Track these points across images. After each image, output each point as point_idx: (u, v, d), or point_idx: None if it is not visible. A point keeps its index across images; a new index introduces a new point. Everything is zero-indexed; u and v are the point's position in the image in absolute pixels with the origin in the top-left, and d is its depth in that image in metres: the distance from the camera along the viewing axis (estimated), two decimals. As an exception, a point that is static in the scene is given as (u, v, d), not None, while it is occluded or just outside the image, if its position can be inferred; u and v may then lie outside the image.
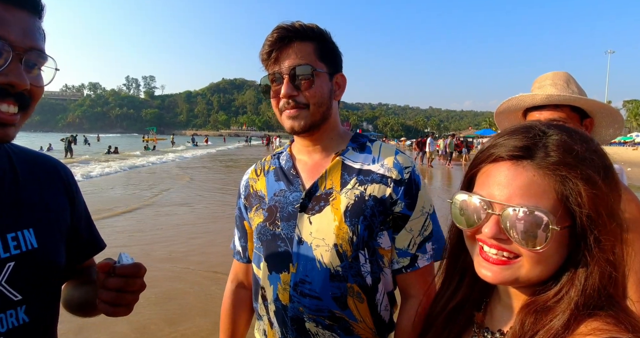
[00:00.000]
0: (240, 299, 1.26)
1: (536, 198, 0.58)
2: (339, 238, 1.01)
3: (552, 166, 0.58)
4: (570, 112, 1.26)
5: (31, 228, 0.77)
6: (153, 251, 5.62)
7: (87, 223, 0.97)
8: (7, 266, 0.71)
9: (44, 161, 0.89)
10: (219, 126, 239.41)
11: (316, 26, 1.05)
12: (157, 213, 8.29)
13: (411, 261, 1.05)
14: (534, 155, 0.60)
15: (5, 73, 0.64)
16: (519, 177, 0.60)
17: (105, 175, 15.32)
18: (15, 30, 0.65)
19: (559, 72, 1.37)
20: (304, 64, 1.00)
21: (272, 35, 1.02)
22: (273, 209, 1.10)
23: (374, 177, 1.05)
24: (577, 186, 0.57)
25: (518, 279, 0.62)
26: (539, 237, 0.57)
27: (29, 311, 0.75)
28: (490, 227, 0.61)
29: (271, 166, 1.19)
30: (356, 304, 1.02)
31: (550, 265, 0.61)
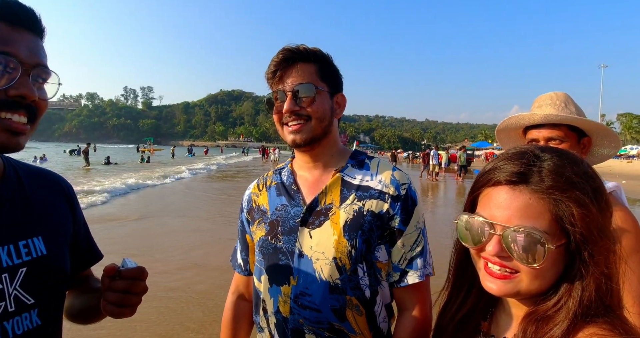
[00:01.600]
0: (240, 311, 1.28)
1: (533, 219, 0.64)
2: (338, 252, 1.04)
3: (546, 190, 0.64)
4: (568, 131, 1.31)
5: (40, 236, 0.82)
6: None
7: (86, 234, 1.02)
8: (20, 271, 0.76)
9: (47, 175, 0.95)
10: (216, 137, 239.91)
11: (319, 50, 1.12)
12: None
13: (400, 276, 1.08)
14: (529, 180, 0.66)
15: (16, 86, 0.70)
16: (516, 200, 0.66)
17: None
18: (23, 49, 0.72)
19: (558, 93, 1.43)
20: (306, 83, 1.06)
21: (278, 56, 1.08)
22: (275, 223, 1.13)
23: (372, 192, 1.09)
24: (570, 208, 0.63)
25: (519, 292, 0.68)
26: (536, 255, 0.63)
27: (41, 314, 0.80)
28: (493, 246, 0.67)
29: (273, 181, 1.23)
30: (355, 317, 1.05)
31: (548, 279, 0.67)
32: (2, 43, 0.69)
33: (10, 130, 0.72)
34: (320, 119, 1.09)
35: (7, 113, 0.71)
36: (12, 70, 0.70)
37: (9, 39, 0.70)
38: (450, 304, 0.85)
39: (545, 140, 1.34)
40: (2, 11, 0.71)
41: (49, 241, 0.84)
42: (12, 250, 0.76)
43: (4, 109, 0.70)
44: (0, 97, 0.70)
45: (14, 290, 0.74)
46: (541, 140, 1.35)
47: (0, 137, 0.71)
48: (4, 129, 0.71)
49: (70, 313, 0.99)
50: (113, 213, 9.20)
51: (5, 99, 0.70)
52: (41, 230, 0.83)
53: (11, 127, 0.71)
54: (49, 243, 0.83)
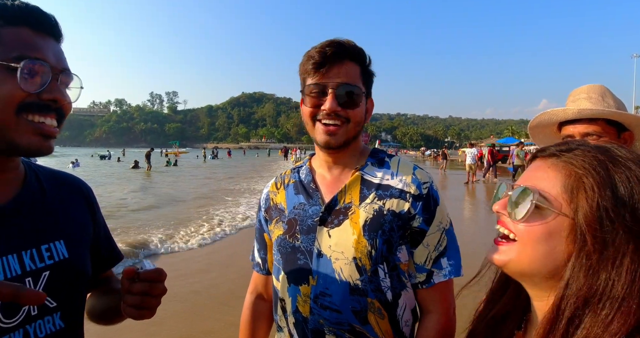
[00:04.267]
0: (259, 310, 1.28)
1: (538, 181, 0.63)
2: (358, 252, 1.02)
3: (569, 164, 0.61)
4: (606, 126, 1.24)
5: (62, 240, 0.83)
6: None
7: (106, 236, 1.03)
8: (43, 275, 0.77)
9: (68, 179, 0.96)
10: (239, 139, 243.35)
11: (363, 49, 1.08)
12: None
13: (427, 277, 1.06)
14: (560, 155, 0.64)
15: (49, 90, 0.73)
16: (538, 169, 0.65)
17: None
18: (50, 54, 0.75)
19: (594, 85, 1.36)
20: (354, 84, 1.03)
21: (329, 48, 1.02)
22: (293, 222, 1.12)
23: (392, 192, 1.07)
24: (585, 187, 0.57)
25: (509, 263, 0.64)
26: (520, 208, 0.61)
27: (64, 317, 0.81)
28: (500, 203, 0.67)
29: (291, 180, 1.22)
30: (377, 320, 1.03)
31: (539, 254, 0.60)
32: (33, 49, 0.72)
33: (43, 134, 0.74)
34: (358, 123, 1.07)
35: (40, 117, 0.73)
36: (44, 74, 0.72)
37: (37, 45, 0.73)
38: (487, 304, 0.80)
39: (582, 136, 1.27)
40: (26, 17, 0.73)
41: (70, 244, 0.85)
42: (34, 254, 0.77)
43: (37, 113, 0.72)
44: (33, 100, 0.72)
45: None
46: (577, 136, 1.28)
47: (34, 141, 0.73)
48: (37, 133, 0.73)
49: (92, 314, 1.00)
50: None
51: (39, 103, 0.72)
52: (63, 233, 0.84)
53: (43, 131, 0.74)
54: (71, 247, 0.85)
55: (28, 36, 0.72)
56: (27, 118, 0.72)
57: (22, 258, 0.75)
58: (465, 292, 0.78)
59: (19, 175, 0.83)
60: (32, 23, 0.73)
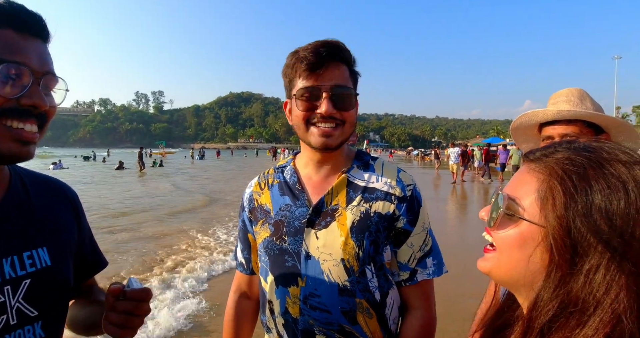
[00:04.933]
0: (243, 309, 1.28)
1: (519, 189, 0.60)
2: (346, 253, 1.04)
3: (547, 167, 0.58)
4: (584, 127, 1.29)
5: (44, 247, 0.81)
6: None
7: (91, 242, 1.01)
8: (23, 283, 0.75)
9: (53, 183, 0.94)
10: (226, 139, 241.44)
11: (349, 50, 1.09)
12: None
13: (410, 275, 1.09)
14: (542, 158, 0.60)
15: (28, 95, 0.70)
16: (519, 173, 0.63)
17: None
18: (33, 57, 0.72)
19: (573, 89, 1.41)
20: (347, 86, 1.04)
21: (321, 50, 1.00)
22: (279, 224, 1.11)
23: (378, 194, 1.08)
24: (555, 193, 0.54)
25: (491, 270, 0.63)
26: (493, 215, 0.61)
27: (45, 327, 0.79)
28: (485, 210, 0.66)
29: (275, 180, 1.20)
30: (366, 320, 1.05)
31: (514, 262, 0.59)
32: (13, 52, 0.69)
33: (21, 140, 0.72)
34: (352, 124, 1.09)
35: (19, 122, 0.71)
36: (23, 79, 0.70)
37: (19, 47, 0.70)
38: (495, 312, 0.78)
39: (560, 136, 1.31)
40: (10, 18, 0.70)
41: (53, 252, 0.83)
42: (15, 261, 0.75)
43: (16, 118, 0.70)
44: (12, 105, 0.70)
45: (17, 303, 0.74)
46: (556, 136, 1.32)
47: (12, 147, 0.71)
48: (15, 139, 0.71)
49: (72, 324, 0.97)
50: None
51: (17, 108, 0.70)
52: (46, 240, 0.83)
53: (22, 137, 0.72)
54: (54, 254, 0.83)
55: (10, 38, 0.70)
56: (5, 124, 0.70)
57: (2, 265, 0.73)
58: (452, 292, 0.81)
59: (4, 180, 0.81)
60: (16, 24, 0.70)
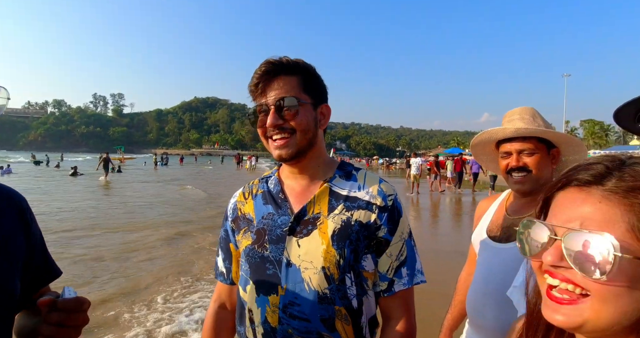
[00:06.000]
0: (222, 319, 1.29)
1: (600, 224, 0.53)
2: (327, 262, 1.05)
3: (624, 192, 0.53)
4: (537, 143, 1.42)
5: None
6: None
7: (42, 250, 0.97)
8: None
9: (0, 190, 0.89)
10: (190, 145, 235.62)
11: (302, 61, 1.12)
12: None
13: (388, 286, 1.11)
14: (604, 182, 0.55)
15: None
16: (583, 202, 0.56)
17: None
18: None
19: (525, 108, 1.54)
20: (289, 96, 1.06)
21: (260, 69, 1.07)
22: (261, 232, 1.13)
23: (360, 203, 1.10)
24: None
25: (586, 324, 0.54)
26: (601, 264, 0.51)
27: None
28: (552, 253, 0.56)
29: (259, 190, 1.23)
30: (344, 327, 1.06)
31: (623, 307, 0.52)
32: None
33: None
34: (305, 132, 1.09)
35: None
36: None
37: None
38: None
39: (517, 152, 1.43)
40: None
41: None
42: None
43: None
44: None
45: None
46: (513, 152, 1.44)
47: None
48: None
49: (20, 334, 0.92)
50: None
51: None
52: None
53: None
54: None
55: None
56: None
57: None
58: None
59: None
60: None
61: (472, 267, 1.71)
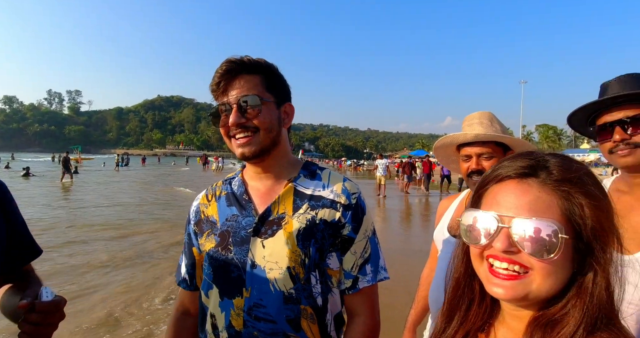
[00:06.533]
0: (184, 326, 1.24)
1: (542, 212, 0.61)
2: (292, 261, 1.04)
3: (556, 183, 0.63)
4: (495, 147, 1.52)
5: None
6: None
7: (22, 230, 1.02)
8: None
9: None
10: (153, 145, 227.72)
11: (263, 60, 1.11)
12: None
13: (353, 283, 1.11)
14: (537, 173, 0.64)
15: None
16: (526, 194, 0.63)
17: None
18: None
19: (484, 112, 1.64)
20: (251, 94, 1.05)
21: (222, 68, 1.07)
22: (225, 234, 1.11)
23: (324, 202, 1.11)
24: (580, 200, 0.61)
25: (529, 295, 0.62)
26: (549, 246, 0.59)
27: None
28: (502, 241, 0.62)
29: (222, 191, 1.21)
30: (309, 325, 1.06)
31: (559, 279, 0.62)
32: None
33: None
34: (268, 130, 1.09)
35: None
36: None
37: None
38: (448, 321, 0.79)
39: (477, 155, 1.53)
40: None
41: None
42: None
43: None
44: None
45: None
46: (473, 155, 1.54)
47: None
48: None
49: (3, 309, 0.98)
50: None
51: None
52: None
53: None
54: None
55: None
56: None
57: None
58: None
59: None
60: None
61: (433, 263, 1.79)
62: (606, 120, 1.19)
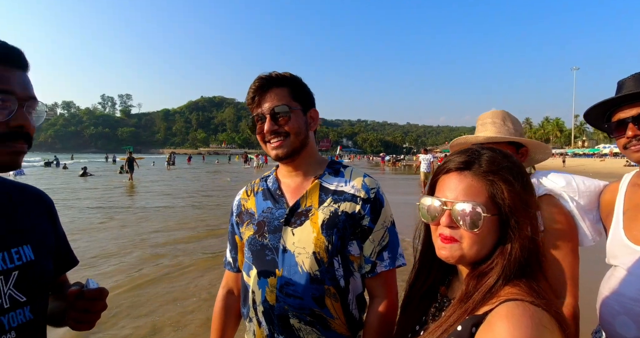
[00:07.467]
0: (229, 303, 1.45)
1: (473, 196, 0.82)
2: (317, 247, 1.19)
3: (483, 173, 0.83)
4: (507, 146, 1.55)
5: (28, 244, 0.94)
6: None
7: (65, 242, 1.14)
8: (13, 274, 0.88)
9: (31, 191, 1.07)
10: (197, 144, 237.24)
11: (289, 74, 1.28)
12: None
13: (372, 267, 1.25)
14: (471, 167, 0.85)
15: (15, 118, 0.84)
16: (461, 183, 0.85)
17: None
18: (17, 85, 0.84)
19: (496, 111, 1.67)
20: (281, 105, 1.22)
21: (254, 84, 1.25)
22: (262, 224, 1.28)
23: (346, 196, 1.25)
24: (500, 186, 0.82)
25: (463, 256, 0.84)
26: (476, 221, 0.81)
27: (32, 310, 0.92)
28: (445, 218, 0.85)
29: (260, 187, 1.40)
30: (332, 303, 1.21)
31: (486, 245, 0.83)
32: (0, 82, 0.81)
33: (13, 154, 0.86)
34: (297, 134, 1.25)
35: (12, 143, 0.85)
36: (10, 105, 0.83)
37: (4, 78, 0.82)
38: (417, 278, 1.01)
39: None
40: None
41: (35, 249, 0.95)
42: (6, 256, 0.88)
43: (8, 141, 0.84)
44: (3, 130, 0.83)
45: (9, 290, 0.87)
46: None
47: (6, 159, 0.86)
48: (9, 153, 0.85)
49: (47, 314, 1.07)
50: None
51: (8, 131, 0.83)
52: (29, 239, 0.95)
53: (15, 151, 0.86)
54: (36, 251, 0.95)
55: None
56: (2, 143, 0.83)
57: None
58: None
59: None
60: (0, 58, 0.83)
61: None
62: (620, 116, 1.24)
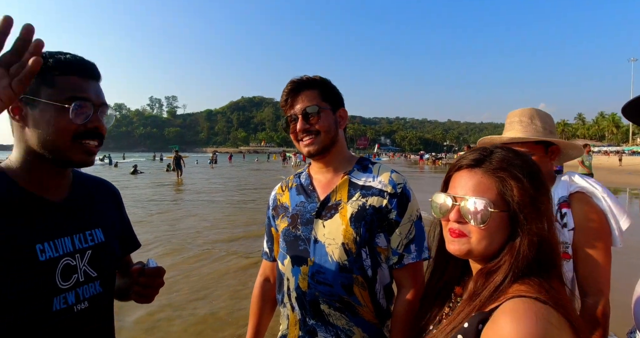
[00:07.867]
0: (266, 290, 1.57)
1: (483, 192, 0.84)
2: (346, 238, 1.27)
3: (493, 170, 0.85)
4: (534, 145, 1.54)
5: (99, 228, 1.09)
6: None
7: (129, 227, 1.30)
8: (87, 253, 1.03)
9: (101, 181, 1.24)
10: (238, 143, 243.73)
11: (319, 77, 1.38)
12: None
13: (399, 259, 1.30)
14: (482, 164, 0.87)
15: (92, 121, 0.97)
16: (471, 179, 0.87)
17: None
18: (93, 94, 0.98)
19: (525, 109, 1.63)
20: (312, 105, 1.32)
21: (287, 88, 1.35)
22: (295, 216, 1.39)
23: (373, 191, 1.32)
24: (509, 183, 0.83)
25: (471, 251, 0.85)
26: (483, 217, 0.82)
27: (102, 285, 1.06)
28: (454, 213, 0.87)
29: (293, 183, 1.51)
30: (360, 291, 1.28)
31: (494, 241, 0.84)
32: (79, 91, 0.95)
33: (89, 152, 0.99)
34: (327, 132, 1.35)
35: (89, 141, 0.98)
36: (87, 110, 0.96)
37: (83, 88, 0.96)
38: (433, 275, 1.03)
39: None
40: (74, 67, 0.96)
41: (105, 232, 1.10)
42: (81, 237, 1.03)
43: (86, 139, 0.97)
44: (82, 129, 0.96)
45: (84, 266, 1.02)
46: None
47: (83, 157, 0.98)
48: (85, 152, 0.98)
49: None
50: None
51: (86, 131, 0.96)
52: (100, 223, 1.10)
53: (89, 150, 0.99)
54: (106, 234, 1.10)
55: (76, 81, 0.95)
56: (80, 142, 0.96)
57: (73, 240, 1.01)
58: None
59: (69, 180, 1.08)
60: (78, 71, 0.97)
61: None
62: None
